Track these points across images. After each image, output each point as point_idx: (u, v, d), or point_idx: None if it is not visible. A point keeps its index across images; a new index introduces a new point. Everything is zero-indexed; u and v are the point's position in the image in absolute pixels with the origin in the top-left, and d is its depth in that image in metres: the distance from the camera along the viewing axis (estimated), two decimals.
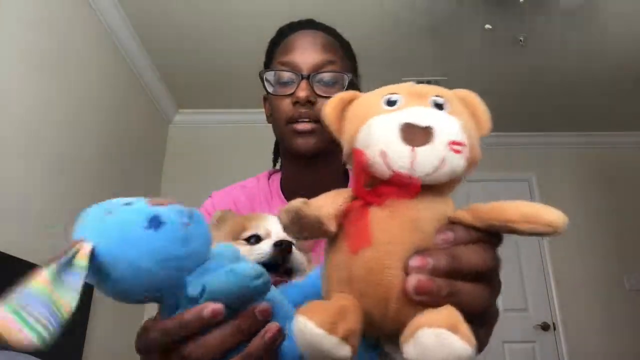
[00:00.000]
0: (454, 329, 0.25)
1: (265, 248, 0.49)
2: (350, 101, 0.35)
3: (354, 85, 0.81)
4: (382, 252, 0.28)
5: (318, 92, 0.72)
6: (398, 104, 0.32)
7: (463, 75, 3.14)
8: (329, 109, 0.35)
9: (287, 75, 0.74)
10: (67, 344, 2.05)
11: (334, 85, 0.74)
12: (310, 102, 0.71)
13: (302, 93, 0.71)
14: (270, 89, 0.76)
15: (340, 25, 0.85)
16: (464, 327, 0.26)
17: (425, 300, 0.27)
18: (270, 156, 0.90)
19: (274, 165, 0.89)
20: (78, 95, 2.27)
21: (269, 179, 0.84)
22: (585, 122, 3.76)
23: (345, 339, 0.27)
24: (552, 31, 2.69)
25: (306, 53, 0.74)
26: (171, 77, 3.15)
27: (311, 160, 0.74)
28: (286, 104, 0.73)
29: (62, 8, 2.14)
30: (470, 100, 0.34)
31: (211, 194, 0.84)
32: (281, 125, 0.74)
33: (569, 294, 3.52)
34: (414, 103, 0.31)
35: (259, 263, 0.39)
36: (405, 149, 0.28)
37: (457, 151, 0.28)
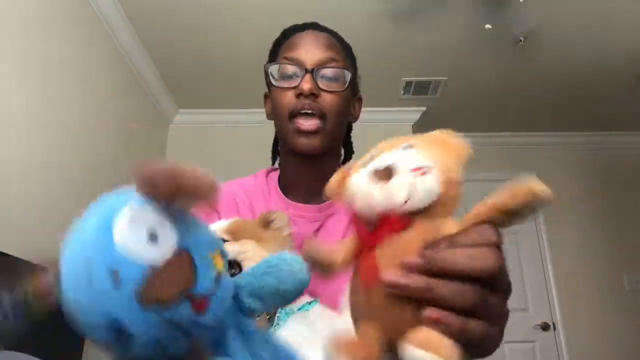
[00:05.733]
0: (424, 346, 0.28)
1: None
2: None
3: (354, 84, 0.83)
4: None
5: (321, 86, 0.74)
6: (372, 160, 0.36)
7: (463, 75, 3.14)
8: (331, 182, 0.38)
9: (291, 69, 0.76)
10: (67, 344, 2.05)
11: (336, 81, 0.76)
12: (313, 95, 0.73)
13: (306, 85, 0.73)
14: (274, 83, 0.78)
15: (338, 25, 0.85)
16: (437, 344, 0.28)
17: (401, 292, 0.30)
18: (270, 156, 0.91)
19: (273, 163, 0.90)
20: (78, 95, 2.27)
21: (266, 176, 0.85)
22: (585, 122, 3.76)
23: None
24: (552, 31, 2.70)
25: (310, 50, 0.76)
26: (171, 77, 3.15)
27: (311, 157, 0.76)
28: (289, 97, 0.75)
29: (62, 8, 2.14)
30: (440, 136, 0.36)
31: None
32: (284, 120, 0.76)
33: (569, 294, 3.52)
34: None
35: None
36: (375, 187, 0.32)
37: (423, 173, 0.31)
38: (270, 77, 0.78)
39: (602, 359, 3.35)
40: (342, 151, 0.89)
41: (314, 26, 0.83)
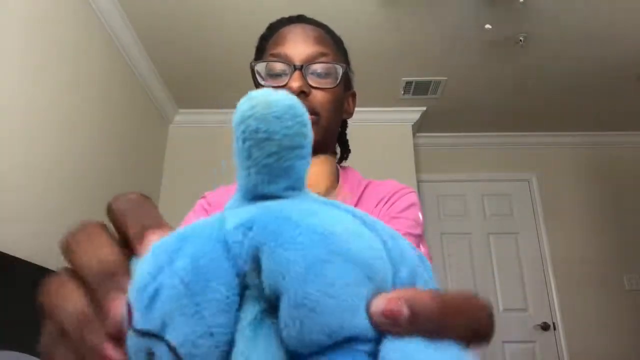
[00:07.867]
0: None
1: None
2: None
3: (347, 79, 0.79)
4: None
5: (311, 83, 0.70)
6: None
7: (463, 75, 3.14)
8: None
9: (279, 66, 0.72)
10: None
11: (328, 77, 0.72)
12: (303, 93, 0.69)
13: (295, 83, 0.68)
14: (261, 82, 0.73)
15: (338, 25, 0.85)
16: None
17: None
18: None
19: None
20: (78, 96, 2.27)
21: None
22: (585, 122, 3.76)
23: None
24: (552, 31, 2.70)
25: (298, 45, 0.72)
26: (171, 77, 3.15)
27: None
28: None
29: (62, 8, 2.14)
30: None
31: (204, 194, 0.80)
32: None
33: (569, 294, 3.52)
34: None
35: None
36: None
37: None
38: (257, 76, 0.74)
39: (602, 359, 3.35)
40: (339, 150, 0.87)
41: (301, 19, 0.79)
